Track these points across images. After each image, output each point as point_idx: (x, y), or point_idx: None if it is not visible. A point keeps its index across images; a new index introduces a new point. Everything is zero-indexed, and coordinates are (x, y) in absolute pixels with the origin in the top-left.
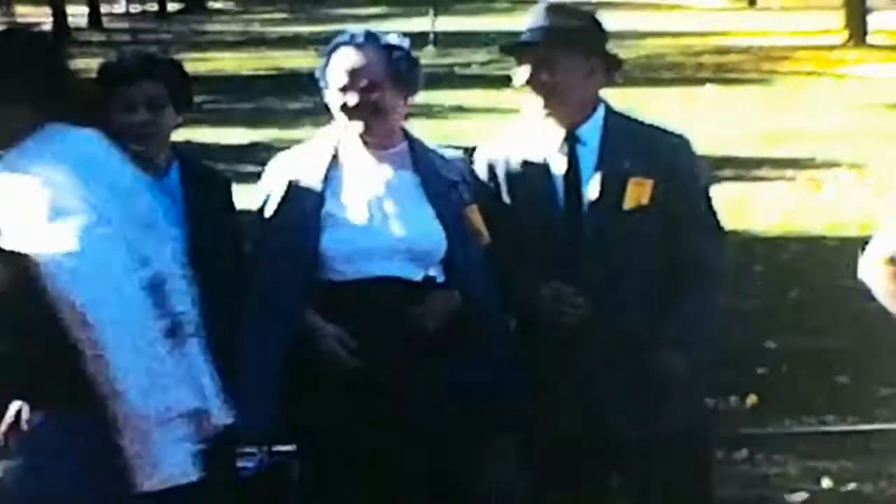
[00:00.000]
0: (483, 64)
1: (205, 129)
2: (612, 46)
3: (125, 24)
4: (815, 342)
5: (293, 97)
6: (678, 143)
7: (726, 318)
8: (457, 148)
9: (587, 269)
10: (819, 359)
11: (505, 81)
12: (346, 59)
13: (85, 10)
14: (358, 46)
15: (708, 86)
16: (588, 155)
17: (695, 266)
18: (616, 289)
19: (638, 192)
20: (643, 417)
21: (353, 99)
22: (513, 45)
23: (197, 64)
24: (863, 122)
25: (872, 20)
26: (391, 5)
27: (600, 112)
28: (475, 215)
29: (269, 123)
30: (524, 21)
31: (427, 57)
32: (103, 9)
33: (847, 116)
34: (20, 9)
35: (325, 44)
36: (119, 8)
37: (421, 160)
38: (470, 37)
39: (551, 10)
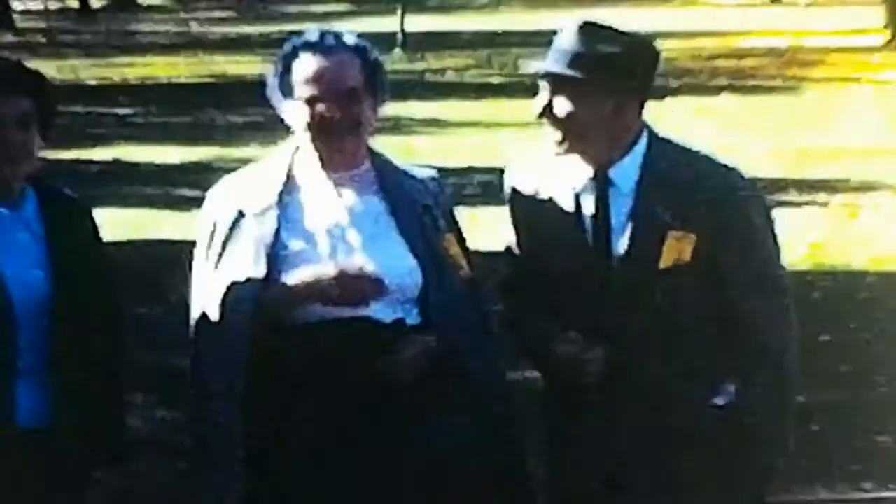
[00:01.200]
0: (459, 70)
1: (133, 147)
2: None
3: (41, 24)
4: (851, 396)
5: (238, 109)
6: (732, 183)
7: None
8: (430, 167)
9: (614, 335)
10: (855, 416)
11: (485, 90)
12: (315, 65)
13: None
14: (328, 50)
15: (724, 95)
16: (620, 199)
17: (752, 349)
18: (645, 358)
19: (678, 248)
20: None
21: (329, 111)
22: (542, 75)
23: (125, 70)
24: None
25: None
26: (352, 2)
27: (641, 147)
28: (453, 245)
29: (209, 140)
30: (510, 21)
31: (395, 62)
32: (16, 5)
33: (889, 131)
34: None
35: (277, 47)
36: (36, 4)
37: (389, 182)
38: (444, 38)
39: (583, 28)
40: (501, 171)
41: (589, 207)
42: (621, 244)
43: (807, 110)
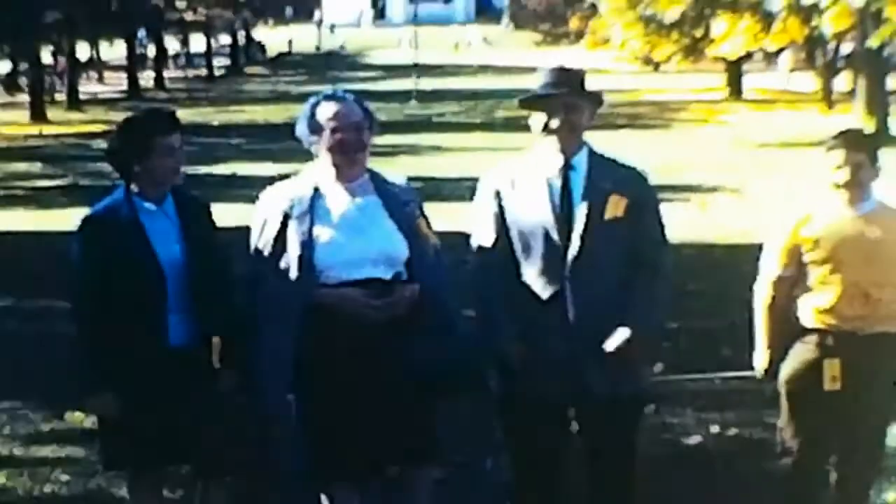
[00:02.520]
0: (454, 114)
1: (244, 164)
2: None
3: (182, 85)
4: (705, 323)
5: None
6: (640, 174)
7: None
8: (431, 178)
9: (576, 260)
10: (708, 336)
11: (471, 127)
12: (335, 108)
13: (152, 74)
14: (341, 100)
15: (623, 130)
16: (578, 178)
17: (650, 268)
18: (594, 275)
19: (615, 207)
20: (611, 379)
21: (347, 136)
22: (535, 97)
23: (236, 115)
24: (739, 158)
25: (747, 80)
26: (385, 70)
27: (585, 148)
28: (424, 227)
29: (290, 160)
30: (489, 82)
31: (411, 108)
32: (167, 73)
33: (727, 153)
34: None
35: None
36: (177, 73)
37: (381, 187)
38: (444, 93)
39: (559, 70)
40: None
41: (558, 185)
42: (581, 205)
43: (676, 140)
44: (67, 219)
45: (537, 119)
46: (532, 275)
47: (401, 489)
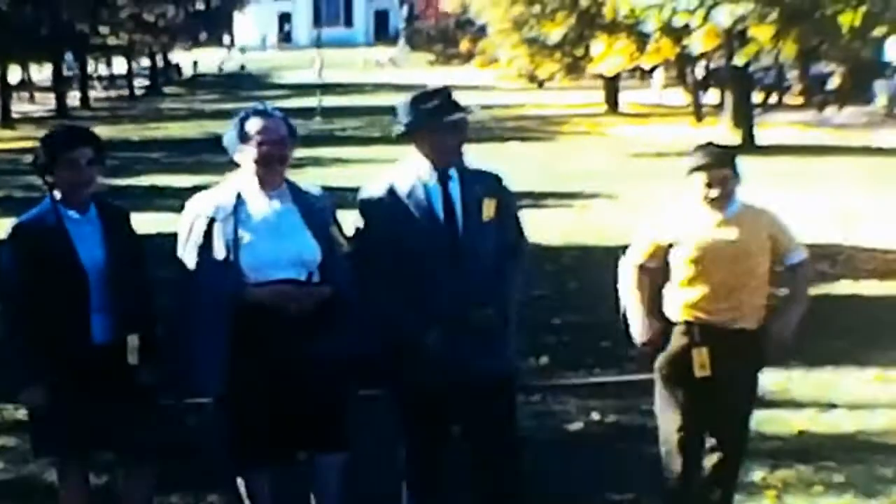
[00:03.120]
0: (355, 129)
1: (162, 176)
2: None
3: (106, 104)
4: (586, 318)
5: (220, 153)
6: (500, 178)
7: (526, 301)
8: (334, 188)
9: (462, 258)
10: (589, 330)
11: (368, 141)
12: (262, 123)
13: (78, 94)
14: (269, 116)
15: (511, 142)
16: (454, 185)
17: (514, 254)
18: (474, 268)
19: (490, 208)
20: (479, 362)
21: (272, 150)
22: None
23: (156, 131)
24: (616, 167)
25: (623, 96)
26: (291, 89)
27: (458, 159)
28: (335, 232)
29: (205, 171)
30: (386, 99)
31: (316, 124)
32: (92, 93)
33: (606, 162)
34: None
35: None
36: (101, 93)
37: (297, 196)
38: (345, 110)
39: (416, 98)
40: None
41: (437, 192)
42: (460, 209)
43: (559, 151)
44: (1, 228)
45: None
46: (421, 272)
47: (312, 474)
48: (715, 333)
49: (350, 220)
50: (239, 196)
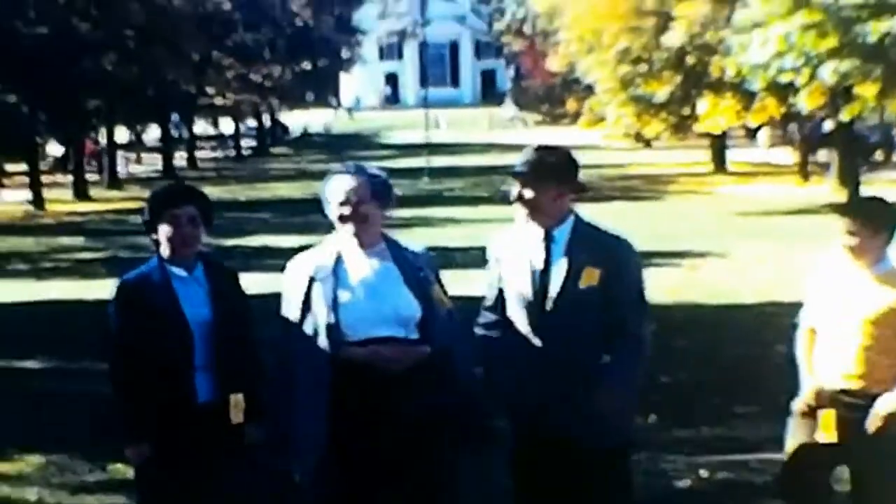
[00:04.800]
0: (463, 189)
1: (270, 236)
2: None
3: (213, 165)
4: (695, 377)
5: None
6: (620, 244)
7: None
8: (442, 248)
9: (553, 323)
10: (697, 388)
11: (478, 201)
12: (342, 183)
13: (185, 155)
14: (345, 174)
15: (616, 202)
16: (558, 248)
17: (621, 330)
18: (570, 338)
19: (590, 276)
20: (594, 431)
21: (346, 210)
22: (511, 173)
23: (263, 192)
24: (724, 226)
25: (730, 154)
26: (398, 149)
27: (570, 220)
28: (438, 292)
29: (312, 231)
30: (495, 159)
31: (424, 184)
32: (199, 154)
33: (713, 221)
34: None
35: None
36: (208, 153)
37: (397, 255)
38: (453, 170)
39: (537, 149)
40: (485, 249)
41: (539, 256)
42: (558, 273)
43: (666, 210)
44: (107, 288)
45: (513, 191)
46: (520, 334)
47: None
48: (846, 397)
49: (459, 279)
50: (338, 256)
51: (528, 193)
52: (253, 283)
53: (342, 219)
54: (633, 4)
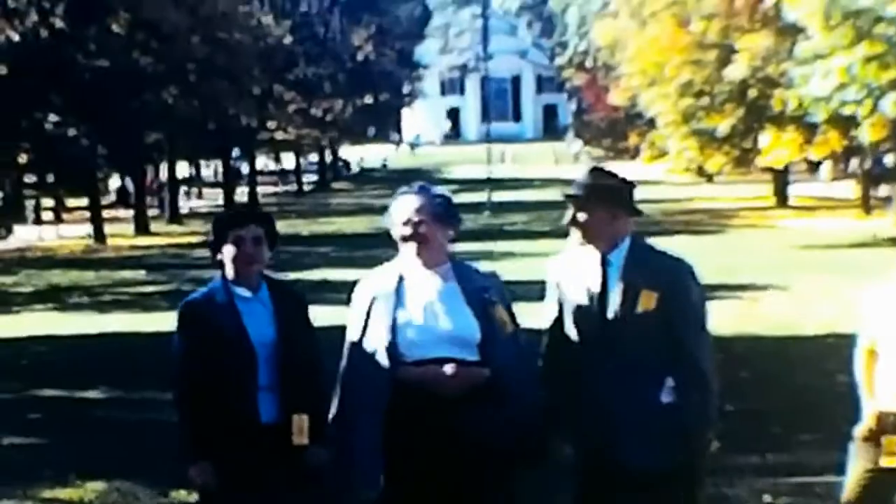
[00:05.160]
0: (524, 223)
1: (331, 270)
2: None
3: (274, 199)
4: (757, 405)
5: (390, 247)
6: (679, 267)
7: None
8: (505, 282)
9: (613, 349)
10: (760, 416)
11: (538, 235)
12: (405, 203)
13: (246, 190)
14: (409, 193)
15: (678, 236)
16: (614, 272)
17: (685, 363)
18: (631, 363)
19: (647, 300)
20: (656, 454)
21: (407, 230)
22: (566, 196)
23: (325, 226)
24: (786, 259)
25: (792, 188)
26: (459, 184)
27: (627, 243)
28: (501, 313)
29: (374, 265)
30: (550, 194)
31: (484, 218)
32: (260, 189)
33: (775, 255)
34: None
35: None
36: (269, 188)
37: (461, 274)
38: (514, 205)
39: (591, 171)
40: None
41: (595, 280)
42: (615, 297)
43: (728, 244)
44: (168, 321)
45: (567, 215)
46: (582, 359)
47: None
48: None
49: (520, 312)
50: (401, 276)
51: (582, 216)
52: (315, 315)
53: (404, 238)
54: (695, 37)
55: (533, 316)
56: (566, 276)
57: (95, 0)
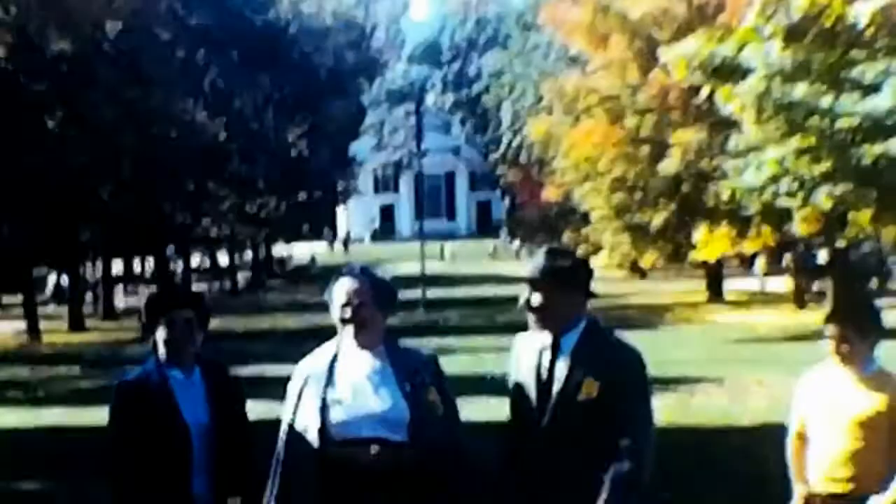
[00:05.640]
0: (458, 319)
1: (267, 366)
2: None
3: (209, 296)
4: (696, 490)
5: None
6: (625, 356)
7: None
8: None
9: (553, 433)
10: (698, 502)
11: (472, 330)
12: (344, 285)
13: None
14: (346, 275)
15: (616, 331)
16: (563, 357)
17: (620, 446)
18: (568, 449)
19: (589, 388)
20: None
21: (347, 312)
22: (522, 278)
23: (258, 322)
24: (720, 353)
25: (726, 283)
26: (395, 281)
27: (581, 326)
28: (433, 395)
29: None
30: (488, 291)
31: (420, 316)
32: (193, 287)
33: (710, 350)
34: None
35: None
36: (205, 286)
37: (394, 356)
38: (448, 302)
39: (547, 253)
40: (482, 378)
41: (547, 359)
42: (558, 383)
43: (664, 339)
44: (103, 414)
45: (522, 297)
46: (526, 440)
47: None
48: (835, 502)
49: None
50: (335, 356)
51: (536, 299)
52: (251, 412)
53: (343, 321)
54: (628, 132)
55: (467, 409)
56: (525, 355)
57: (30, 96)
